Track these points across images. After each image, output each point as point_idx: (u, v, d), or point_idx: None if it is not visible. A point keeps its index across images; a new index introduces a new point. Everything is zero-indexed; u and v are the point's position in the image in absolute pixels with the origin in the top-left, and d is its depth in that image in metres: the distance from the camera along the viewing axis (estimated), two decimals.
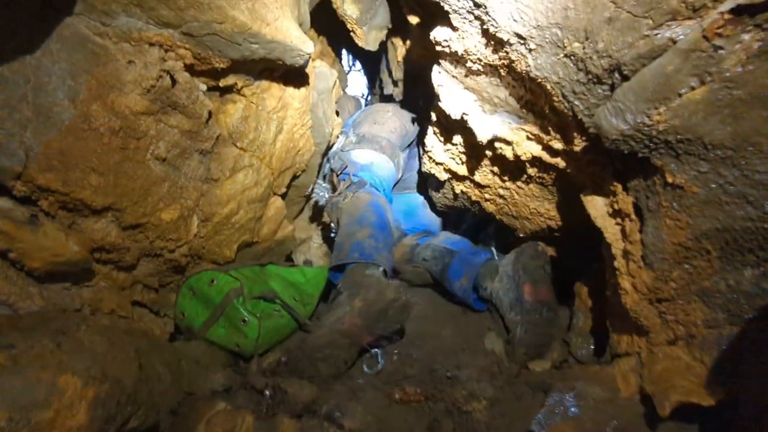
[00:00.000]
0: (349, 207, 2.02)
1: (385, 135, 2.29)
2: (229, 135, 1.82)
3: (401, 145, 2.36)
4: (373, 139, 2.26)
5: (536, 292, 1.78)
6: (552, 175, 1.68)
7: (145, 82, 1.47)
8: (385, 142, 2.26)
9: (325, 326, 1.63)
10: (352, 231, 1.91)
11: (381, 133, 2.30)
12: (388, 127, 2.34)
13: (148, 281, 1.77)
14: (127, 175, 1.52)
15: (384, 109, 2.46)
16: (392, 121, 2.38)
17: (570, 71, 1.21)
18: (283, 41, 1.61)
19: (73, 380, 0.94)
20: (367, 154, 2.24)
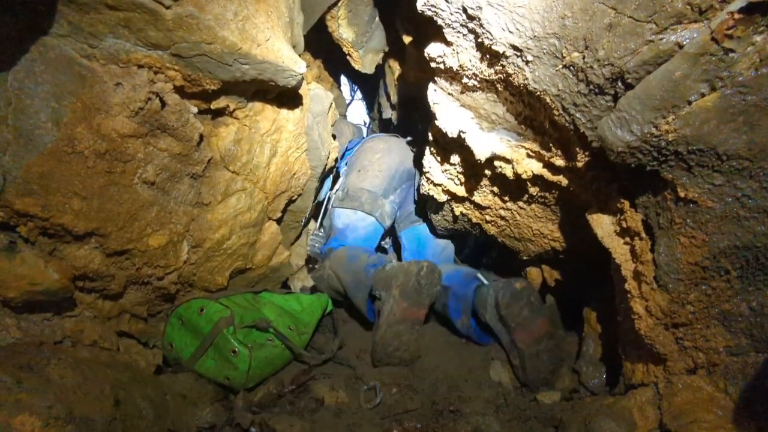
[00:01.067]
0: (334, 263, 2.13)
1: (366, 186, 2.29)
2: (221, 158, 1.77)
3: (390, 186, 2.32)
4: (354, 196, 2.29)
5: (529, 335, 1.71)
6: (555, 193, 1.61)
7: (133, 105, 1.43)
8: (365, 196, 2.27)
9: (381, 325, 1.78)
10: (354, 266, 2.03)
11: (362, 184, 2.31)
12: (373, 172, 2.33)
13: (135, 310, 1.69)
14: (112, 199, 1.45)
15: (374, 150, 2.43)
16: (378, 164, 2.35)
17: (570, 82, 1.15)
18: (275, 61, 1.58)
19: (30, 420, 0.84)
20: (345, 216, 2.30)
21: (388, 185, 2.32)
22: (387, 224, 2.36)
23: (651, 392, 1.21)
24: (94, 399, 1.06)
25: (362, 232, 2.28)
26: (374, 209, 2.26)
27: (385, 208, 2.30)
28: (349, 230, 2.28)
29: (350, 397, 1.65)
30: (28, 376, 0.93)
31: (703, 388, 1.12)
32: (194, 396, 1.60)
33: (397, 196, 2.37)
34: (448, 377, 1.76)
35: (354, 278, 2.01)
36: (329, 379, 1.76)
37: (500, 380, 1.75)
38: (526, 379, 1.71)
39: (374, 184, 2.30)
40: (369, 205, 2.27)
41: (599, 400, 1.36)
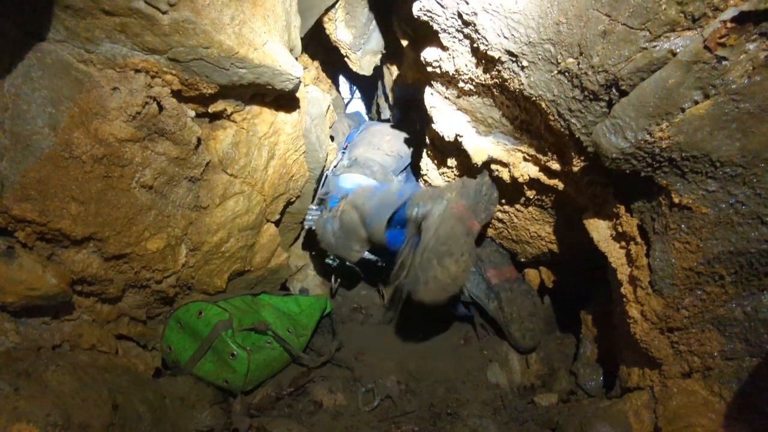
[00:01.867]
0: (357, 197, 1.89)
1: (378, 159, 2.20)
2: (219, 161, 1.77)
3: (396, 169, 2.25)
4: (365, 164, 2.17)
5: (500, 273, 1.86)
6: (551, 197, 1.61)
7: (131, 109, 1.43)
8: (377, 167, 2.16)
9: (432, 223, 1.52)
10: (384, 194, 1.80)
11: (374, 156, 2.20)
12: (383, 150, 2.25)
13: (134, 313, 1.69)
14: (110, 203, 1.46)
15: (382, 131, 2.40)
16: (389, 144, 2.30)
17: (565, 88, 1.15)
18: (272, 65, 1.57)
19: (28, 428, 0.85)
20: (355, 179, 2.13)
21: (396, 167, 2.23)
22: None
23: (646, 396, 1.22)
24: (92, 404, 1.07)
25: None
26: (386, 182, 2.11)
27: (394, 184, 2.17)
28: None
29: (348, 400, 1.66)
30: (27, 383, 0.93)
31: (698, 392, 1.13)
32: (193, 399, 1.61)
33: (404, 179, 2.30)
34: (446, 379, 1.77)
35: (380, 201, 1.77)
36: (327, 381, 1.76)
37: (498, 382, 1.76)
38: (505, 317, 1.77)
39: (385, 161, 2.18)
40: (381, 176, 2.12)
41: (595, 403, 1.37)
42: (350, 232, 1.89)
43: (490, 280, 1.90)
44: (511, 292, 1.87)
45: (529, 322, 1.86)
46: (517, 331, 1.84)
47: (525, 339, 1.85)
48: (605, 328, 1.64)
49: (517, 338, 1.84)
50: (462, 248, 1.51)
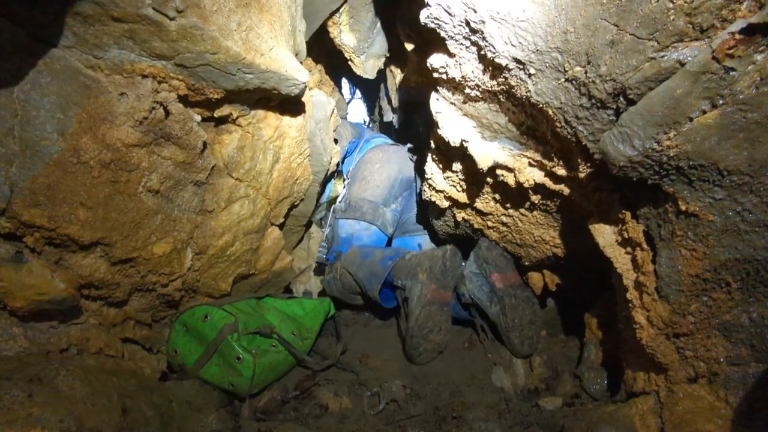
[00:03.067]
0: (347, 263, 2.18)
1: (367, 196, 2.37)
2: (224, 165, 1.78)
3: (390, 195, 2.40)
4: (356, 206, 2.37)
5: (504, 278, 1.95)
6: (556, 202, 1.62)
7: (138, 114, 1.44)
8: (366, 206, 2.35)
9: (413, 309, 1.89)
10: (369, 262, 2.12)
11: (363, 194, 2.38)
12: (373, 182, 2.41)
13: (140, 317, 1.70)
14: (117, 208, 1.46)
15: (373, 160, 2.49)
16: (378, 174, 2.42)
17: (572, 96, 1.16)
18: (278, 71, 1.58)
19: None
20: (348, 227, 2.37)
21: (389, 194, 2.39)
22: (389, 232, 2.42)
23: (652, 401, 1.23)
24: (102, 410, 1.08)
25: (366, 241, 2.35)
26: (375, 218, 2.34)
27: (386, 216, 2.38)
28: (354, 240, 2.35)
29: (354, 403, 1.67)
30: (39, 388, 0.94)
31: (704, 397, 1.14)
32: (199, 402, 1.62)
33: (398, 205, 2.43)
34: (451, 382, 1.77)
35: (369, 271, 2.08)
36: (333, 384, 1.77)
37: (502, 386, 1.77)
38: (507, 323, 1.86)
39: (375, 194, 2.37)
40: (370, 215, 2.34)
41: (601, 407, 1.38)
42: (351, 291, 2.21)
43: (494, 283, 1.95)
44: (515, 299, 1.92)
45: (529, 329, 1.92)
46: (517, 338, 1.89)
47: (524, 346, 1.90)
48: (609, 331, 1.65)
49: (516, 345, 1.90)
50: (440, 322, 1.92)
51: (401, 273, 1.97)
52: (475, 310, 2.04)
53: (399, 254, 2.08)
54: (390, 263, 2.03)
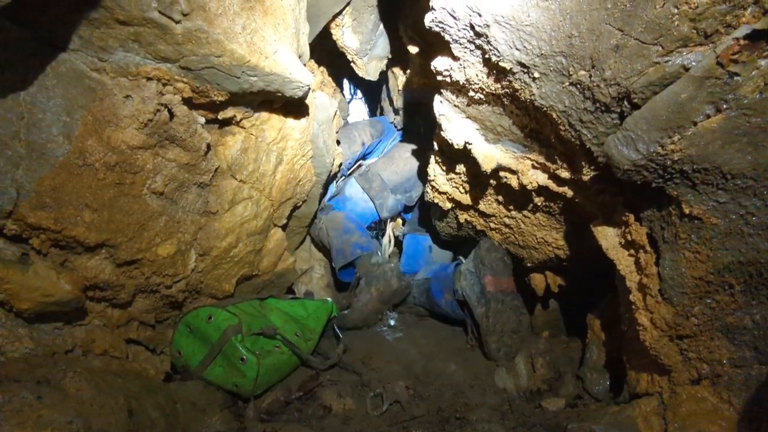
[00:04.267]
0: (329, 224, 2.38)
1: (384, 175, 2.49)
2: (228, 167, 1.78)
3: (401, 186, 2.51)
4: (370, 177, 2.50)
5: (497, 282, 1.97)
6: (559, 204, 1.62)
7: (143, 117, 1.44)
8: (377, 182, 2.48)
9: (357, 307, 2.20)
10: (345, 238, 2.33)
11: (381, 171, 2.50)
12: (395, 167, 2.52)
13: (144, 318, 1.71)
14: (122, 210, 1.47)
15: (406, 148, 2.60)
16: (403, 163, 2.52)
17: (576, 100, 1.17)
18: (282, 73, 1.59)
19: None
20: (354, 189, 2.53)
21: (401, 185, 2.49)
22: (383, 215, 2.53)
23: (656, 402, 1.24)
24: (109, 411, 1.09)
25: (359, 210, 2.52)
26: (377, 197, 2.47)
27: (387, 201, 2.49)
28: (350, 202, 2.51)
29: (357, 404, 1.67)
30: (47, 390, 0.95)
31: (707, 399, 1.14)
32: (203, 403, 1.62)
33: (404, 198, 2.52)
34: (454, 383, 1.78)
35: (340, 246, 2.33)
36: (336, 385, 1.78)
37: (505, 387, 1.78)
38: (488, 327, 1.90)
39: (390, 177, 2.48)
40: (374, 192, 2.47)
41: (604, 409, 1.39)
42: (322, 247, 2.47)
43: (485, 285, 1.97)
44: (502, 305, 1.95)
45: (509, 338, 1.93)
46: (495, 343, 1.92)
47: (500, 353, 1.91)
48: (612, 333, 1.66)
49: (492, 350, 1.92)
50: (374, 320, 2.28)
51: (361, 270, 2.26)
52: (466, 310, 2.07)
53: (370, 248, 2.30)
54: (359, 252, 2.27)
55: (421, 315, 2.36)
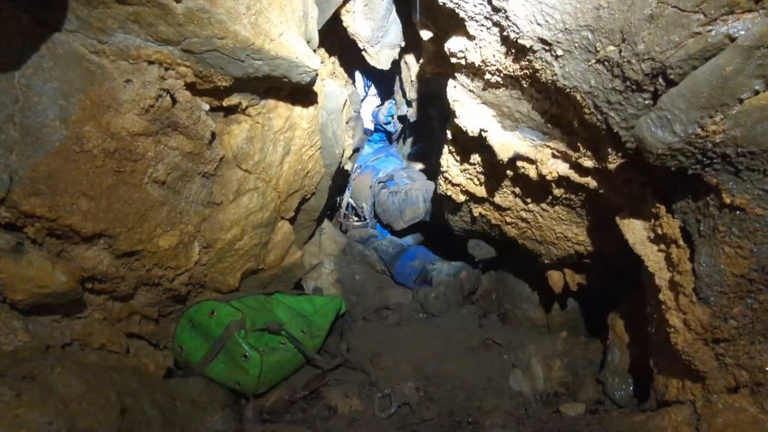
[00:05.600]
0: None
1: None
2: (233, 157, 1.73)
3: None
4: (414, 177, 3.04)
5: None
6: (581, 196, 1.54)
7: (144, 102, 1.39)
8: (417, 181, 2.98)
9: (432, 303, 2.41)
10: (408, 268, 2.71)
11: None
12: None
13: (146, 312, 1.66)
14: (121, 199, 1.42)
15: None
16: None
17: (604, 79, 1.08)
18: (288, 57, 1.53)
19: None
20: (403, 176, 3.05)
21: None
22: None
23: (687, 411, 1.13)
24: (99, 409, 1.02)
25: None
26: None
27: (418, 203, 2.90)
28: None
29: (364, 405, 1.60)
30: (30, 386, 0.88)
31: (746, 409, 1.04)
32: (204, 401, 1.57)
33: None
34: (466, 385, 1.69)
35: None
36: (342, 385, 1.71)
37: (521, 390, 1.68)
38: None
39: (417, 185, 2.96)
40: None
41: (629, 416, 1.28)
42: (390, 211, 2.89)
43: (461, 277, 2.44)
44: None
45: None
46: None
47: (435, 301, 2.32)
48: (636, 334, 1.56)
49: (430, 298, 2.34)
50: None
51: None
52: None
53: (423, 270, 2.58)
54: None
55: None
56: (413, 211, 2.79)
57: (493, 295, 2.56)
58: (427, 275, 2.53)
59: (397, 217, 2.85)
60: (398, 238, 3.00)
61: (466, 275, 2.48)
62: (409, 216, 2.81)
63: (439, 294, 2.36)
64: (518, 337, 2.04)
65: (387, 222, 2.94)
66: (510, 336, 2.06)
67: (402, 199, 2.84)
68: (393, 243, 2.87)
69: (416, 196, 2.80)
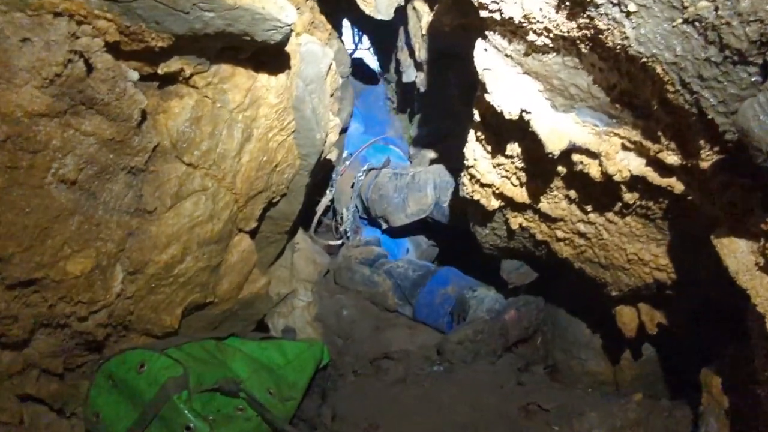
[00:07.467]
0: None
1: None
2: (172, 145, 1.78)
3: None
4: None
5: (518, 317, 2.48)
6: (662, 203, 1.59)
7: (47, 70, 1.42)
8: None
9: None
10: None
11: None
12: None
13: (47, 364, 1.69)
14: (15, 206, 1.45)
15: None
16: None
17: (694, 45, 1.12)
18: (251, 7, 1.57)
19: None
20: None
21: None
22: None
23: None
24: None
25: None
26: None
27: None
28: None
29: None
30: None
31: None
32: None
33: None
34: None
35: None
36: None
37: None
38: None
39: None
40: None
41: None
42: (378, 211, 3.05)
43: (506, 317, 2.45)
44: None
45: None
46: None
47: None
48: (741, 398, 1.61)
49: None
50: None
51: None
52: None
53: (460, 300, 2.63)
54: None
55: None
56: (419, 201, 2.87)
57: (538, 338, 2.60)
58: (464, 306, 2.53)
59: (397, 207, 2.92)
60: (415, 259, 3.05)
61: (515, 317, 2.45)
62: (413, 208, 2.88)
63: (466, 338, 2.34)
64: (573, 399, 2.08)
65: (382, 213, 3.00)
66: (562, 398, 2.10)
67: (407, 183, 2.93)
68: (413, 264, 2.93)
69: (425, 181, 2.88)
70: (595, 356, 2.39)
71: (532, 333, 2.55)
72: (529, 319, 2.51)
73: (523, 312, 2.47)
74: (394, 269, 2.83)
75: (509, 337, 2.44)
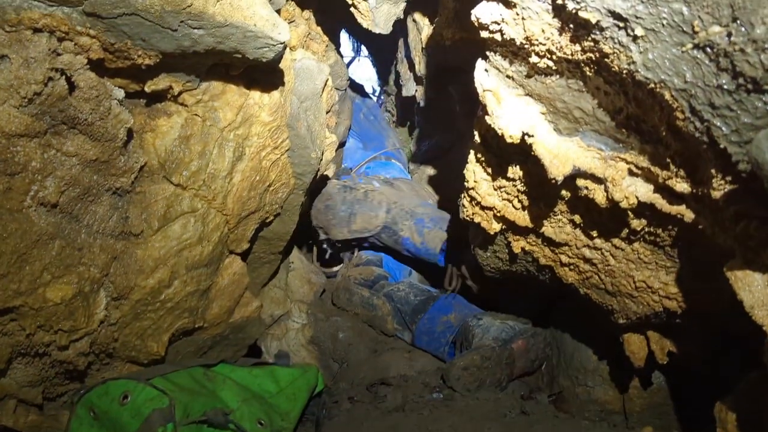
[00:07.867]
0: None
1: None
2: (160, 165, 1.79)
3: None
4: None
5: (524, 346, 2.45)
6: (671, 230, 1.56)
7: (25, 88, 1.43)
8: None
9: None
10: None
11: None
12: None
13: (25, 395, 1.69)
14: None
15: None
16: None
17: (705, 72, 1.10)
18: (243, 24, 1.58)
19: None
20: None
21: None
22: None
23: None
24: None
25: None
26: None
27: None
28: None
29: None
30: None
31: None
32: None
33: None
34: None
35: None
36: None
37: None
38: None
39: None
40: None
41: None
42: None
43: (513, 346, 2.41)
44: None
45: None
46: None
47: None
48: None
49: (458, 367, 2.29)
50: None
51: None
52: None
53: (463, 329, 2.58)
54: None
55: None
56: (368, 220, 2.89)
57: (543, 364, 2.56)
58: (468, 334, 2.48)
59: (342, 220, 2.92)
60: (417, 282, 3.03)
61: (524, 346, 2.40)
62: (359, 225, 2.90)
63: (473, 364, 2.28)
64: (580, 431, 2.04)
65: (323, 224, 2.98)
66: (568, 429, 2.06)
67: (358, 198, 2.92)
68: (415, 288, 2.88)
69: (379, 202, 2.90)
70: (603, 383, 2.36)
71: (537, 367, 2.51)
72: (536, 351, 2.46)
73: (531, 342, 2.43)
74: (394, 293, 2.78)
75: (515, 368, 2.39)
